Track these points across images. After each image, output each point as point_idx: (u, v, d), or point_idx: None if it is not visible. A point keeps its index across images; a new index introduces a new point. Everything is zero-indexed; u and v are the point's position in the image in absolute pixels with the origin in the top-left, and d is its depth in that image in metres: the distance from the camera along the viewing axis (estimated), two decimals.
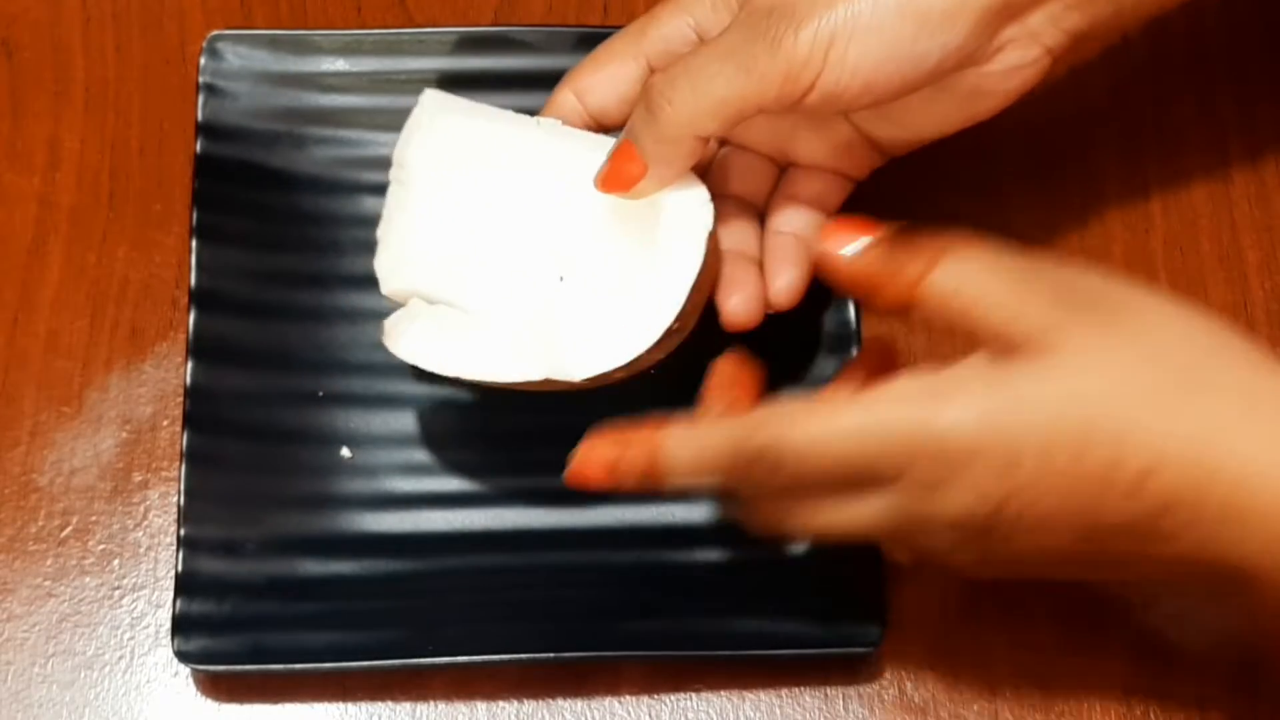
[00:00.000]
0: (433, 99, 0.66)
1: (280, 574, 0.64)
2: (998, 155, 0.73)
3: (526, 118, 0.65)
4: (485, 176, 0.64)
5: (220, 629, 0.63)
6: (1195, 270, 0.71)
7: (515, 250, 0.63)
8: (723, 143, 0.65)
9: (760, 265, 0.62)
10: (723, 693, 0.64)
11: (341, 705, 0.64)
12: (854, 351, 0.66)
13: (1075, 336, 0.51)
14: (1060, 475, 0.49)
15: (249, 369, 0.67)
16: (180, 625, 0.62)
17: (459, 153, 0.65)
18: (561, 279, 0.62)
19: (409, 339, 0.63)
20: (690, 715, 0.64)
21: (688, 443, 0.55)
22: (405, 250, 0.64)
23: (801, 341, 0.67)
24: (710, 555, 0.65)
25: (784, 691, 0.64)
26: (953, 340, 0.69)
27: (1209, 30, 0.75)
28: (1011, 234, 0.71)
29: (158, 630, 0.65)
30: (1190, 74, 0.75)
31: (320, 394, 0.67)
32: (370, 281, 0.69)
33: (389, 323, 0.64)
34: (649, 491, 0.57)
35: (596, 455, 0.56)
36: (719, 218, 0.61)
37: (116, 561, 0.66)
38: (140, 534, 0.66)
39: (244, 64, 0.70)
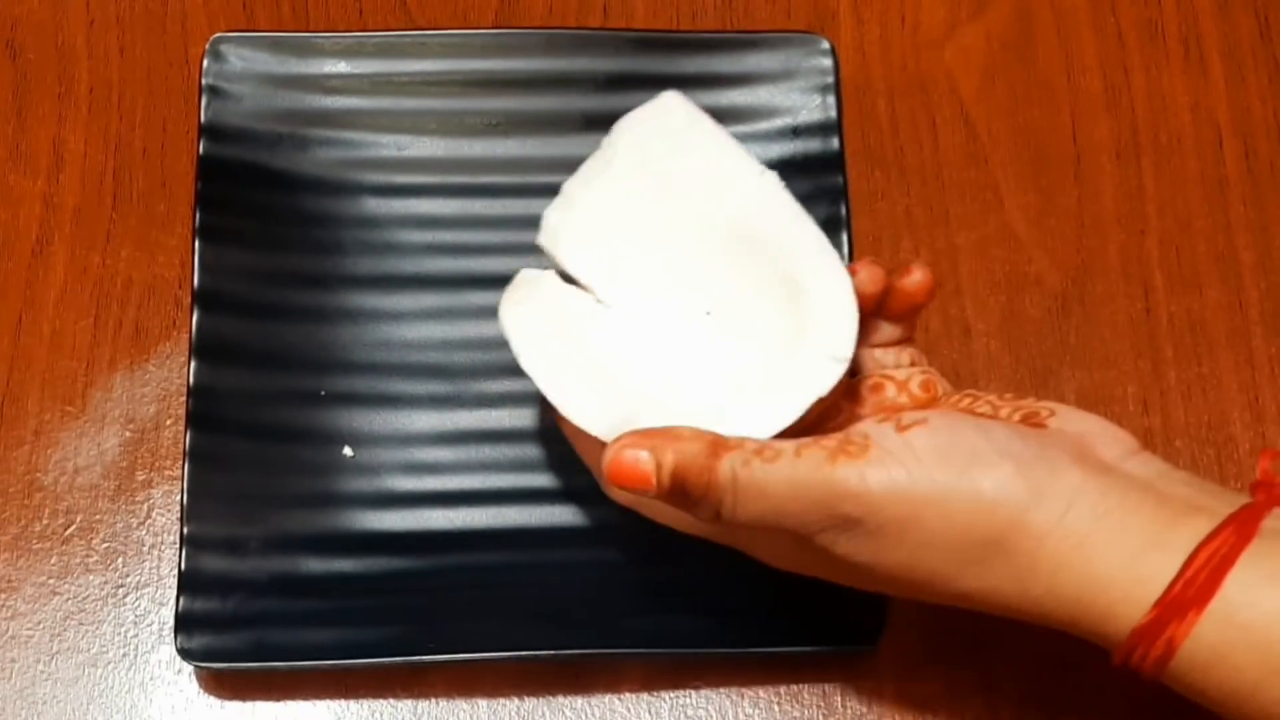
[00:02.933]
0: (672, 99, 0.64)
1: (283, 572, 0.64)
2: (994, 158, 0.73)
3: (750, 158, 0.62)
4: (677, 192, 0.62)
5: (223, 627, 0.63)
6: (1190, 271, 0.71)
7: (672, 271, 0.62)
8: None
9: None
10: (722, 690, 0.64)
11: (343, 702, 0.64)
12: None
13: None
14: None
15: (252, 368, 0.67)
16: (183, 623, 0.62)
17: (666, 160, 0.63)
18: (708, 313, 0.61)
19: (523, 311, 0.61)
20: (690, 712, 0.64)
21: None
22: (578, 217, 0.63)
23: None
24: (710, 554, 0.65)
25: (783, 689, 0.64)
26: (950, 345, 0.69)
27: (1204, 32, 0.75)
28: (1010, 236, 0.72)
29: (161, 628, 0.65)
30: (1186, 75, 0.75)
31: (322, 393, 0.68)
32: (371, 281, 0.70)
33: (520, 278, 0.62)
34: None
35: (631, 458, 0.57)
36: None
37: (120, 560, 0.66)
38: (144, 532, 0.66)
39: (246, 66, 0.71)
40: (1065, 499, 0.53)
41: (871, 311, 0.60)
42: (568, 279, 0.62)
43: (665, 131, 0.63)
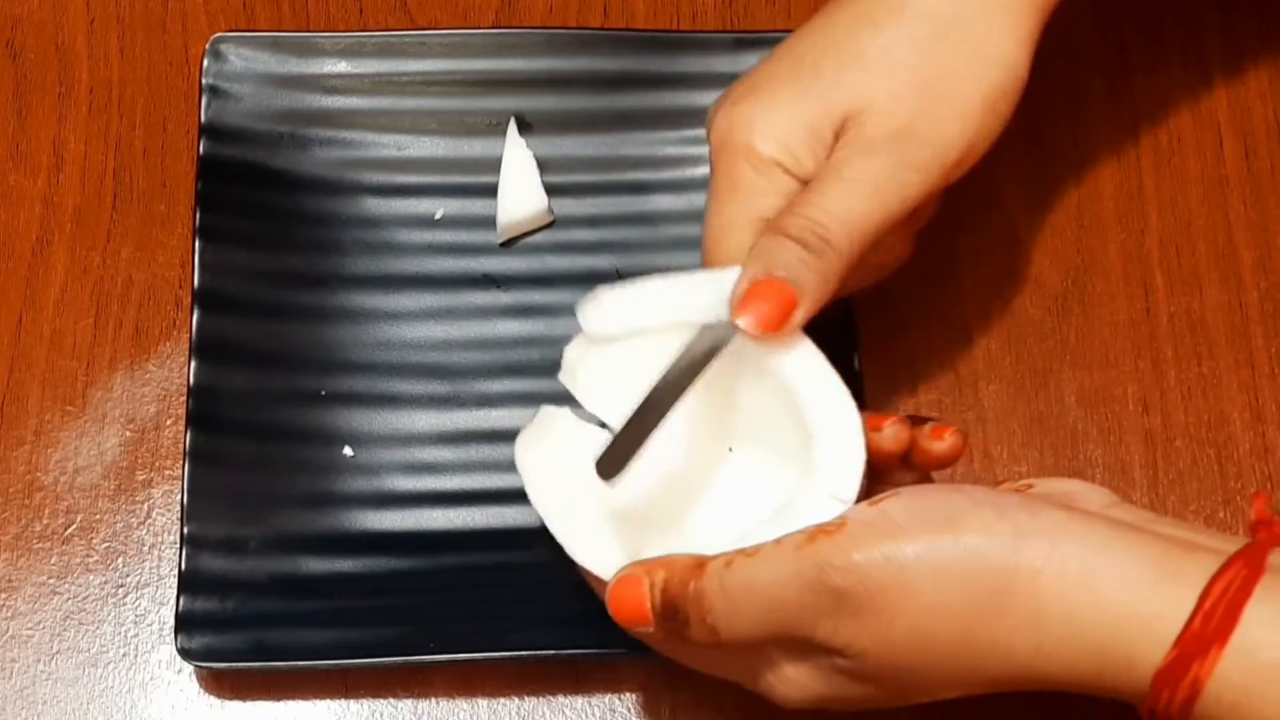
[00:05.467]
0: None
1: (283, 572, 0.64)
2: (994, 158, 0.73)
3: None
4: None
5: (223, 626, 0.63)
6: (1190, 270, 0.71)
7: (690, 407, 0.59)
8: None
9: None
10: (722, 690, 0.64)
11: (344, 702, 0.64)
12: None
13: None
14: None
15: (252, 368, 0.67)
16: (184, 623, 0.62)
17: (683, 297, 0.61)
18: (730, 449, 0.61)
19: (537, 450, 0.61)
20: (690, 711, 0.64)
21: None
22: (596, 354, 0.61)
23: None
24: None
25: None
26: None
27: (1205, 32, 0.75)
28: (1010, 236, 0.72)
29: (161, 628, 0.65)
30: (1186, 75, 0.75)
31: (322, 393, 0.68)
32: (371, 281, 0.70)
33: (539, 418, 0.62)
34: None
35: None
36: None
37: (120, 559, 0.66)
38: (144, 532, 0.66)
39: (247, 66, 0.71)
40: (1049, 536, 0.51)
41: (891, 465, 0.58)
42: (586, 416, 0.61)
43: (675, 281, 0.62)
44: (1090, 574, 0.51)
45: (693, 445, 0.60)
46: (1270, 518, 0.53)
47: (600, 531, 0.58)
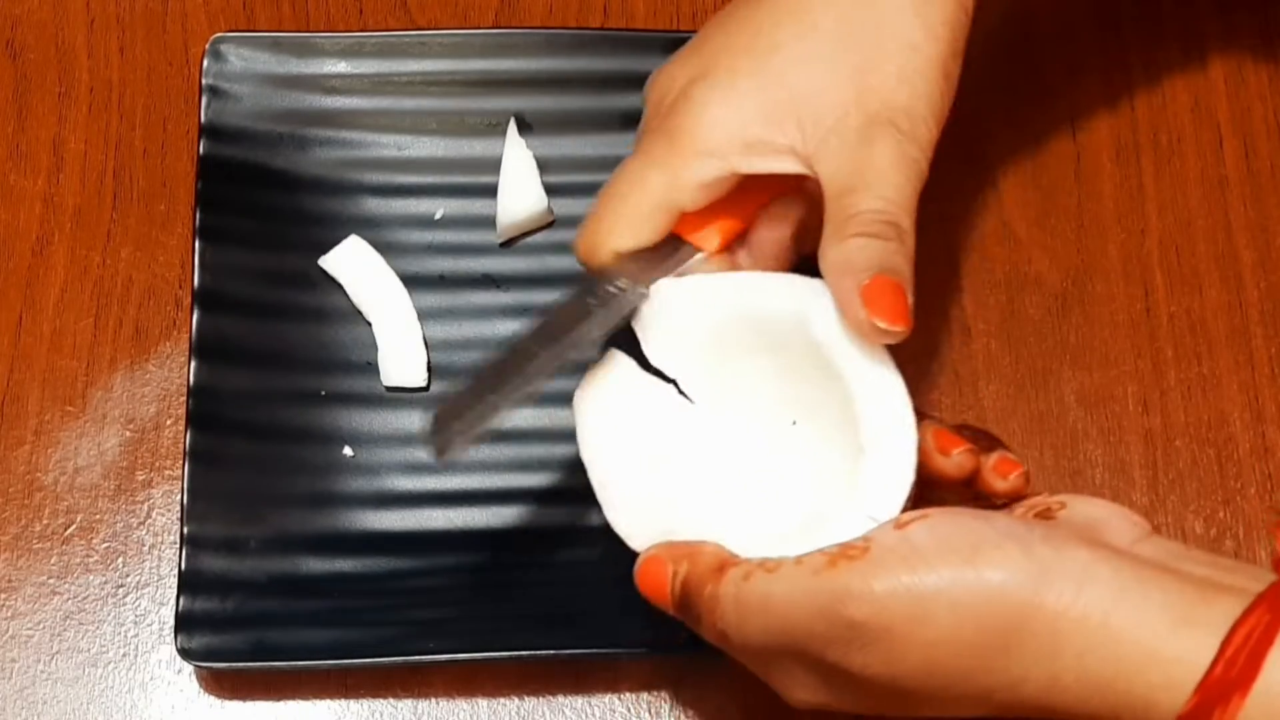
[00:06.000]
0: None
1: (282, 572, 0.64)
2: (994, 158, 0.73)
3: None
4: (767, 307, 0.60)
5: (223, 626, 0.63)
6: (1191, 271, 0.71)
7: (757, 386, 0.59)
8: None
9: None
10: (722, 690, 0.64)
11: (343, 702, 0.64)
12: None
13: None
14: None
15: (252, 368, 0.67)
16: (183, 623, 0.62)
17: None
18: (795, 423, 0.60)
19: (598, 397, 0.60)
20: (690, 710, 0.64)
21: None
22: (671, 307, 0.60)
23: None
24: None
25: None
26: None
27: (1206, 33, 0.75)
28: (1010, 236, 0.72)
29: (161, 628, 0.65)
30: (1186, 75, 0.75)
31: (322, 393, 0.68)
32: None
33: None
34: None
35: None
36: None
37: (120, 559, 0.66)
38: (144, 532, 0.66)
39: (247, 66, 0.71)
40: (1075, 577, 0.50)
41: (949, 486, 0.58)
42: (651, 369, 0.60)
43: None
44: (1111, 616, 0.50)
45: (756, 421, 0.60)
46: None
47: (640, 501, 0.58)
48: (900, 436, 0.56)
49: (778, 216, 0.62)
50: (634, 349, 0.60)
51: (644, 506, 0.58)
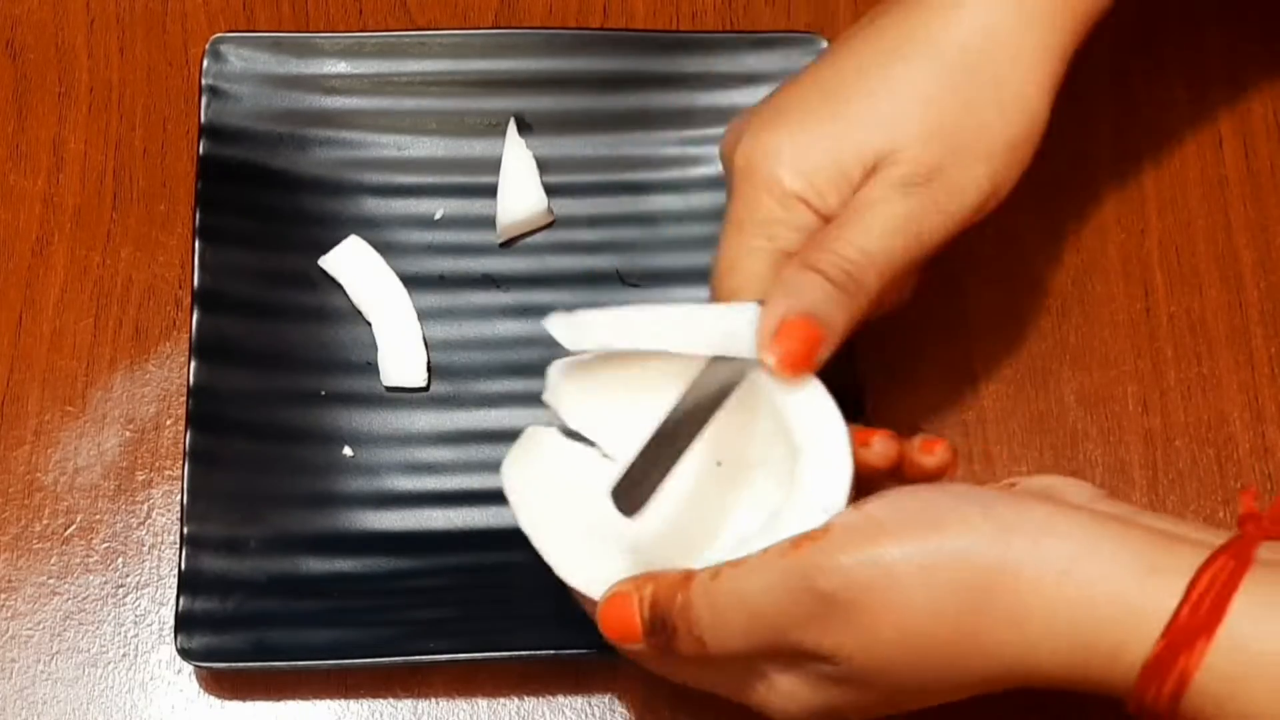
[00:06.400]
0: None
1: (282, 572, 0.64)
2: None
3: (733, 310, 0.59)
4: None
5: (223, 626, 0.63)
6: (1191, 271, 0.71)
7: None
8: None
9: None
10: None
11: (343, 702, 0.64)
12: None
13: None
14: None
15: (251, 368, 0.67)
16: (183, 623, 0.62)
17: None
18: (719, 464, 0.60)
19: (524, 470, 0.60)
20: (690, 711, 0.64)
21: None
22: (582, 372, 0.60)
23: None
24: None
25: None
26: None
27: (1206, 32, 0.75)
28: (1010, 236, 0.72)
29: (161, 628, 0.65)
30: (1187, 75, 0.75)
31: (322, 393, 0.68)
32: None
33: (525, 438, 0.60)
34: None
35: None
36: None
37: (120, 560, 0.66)
38: (144, 532, 0.66)
39: (246, 66, 0.71)
40: (1033, 531, 0.51)
41: (880, 479, 0.58)
42: (572, 434, 0.61)
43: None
44: (1075, 567, 0.51)
45: (684, 463, 0.59)
46: (1257, 512, 0.53)
47: (589, 553, 0.58)
48: (831, 427, 0.56)
49: None
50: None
51: (592, 561, 0.57)
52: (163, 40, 0.75)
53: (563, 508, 0.59)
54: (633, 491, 0.55)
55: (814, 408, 0.57)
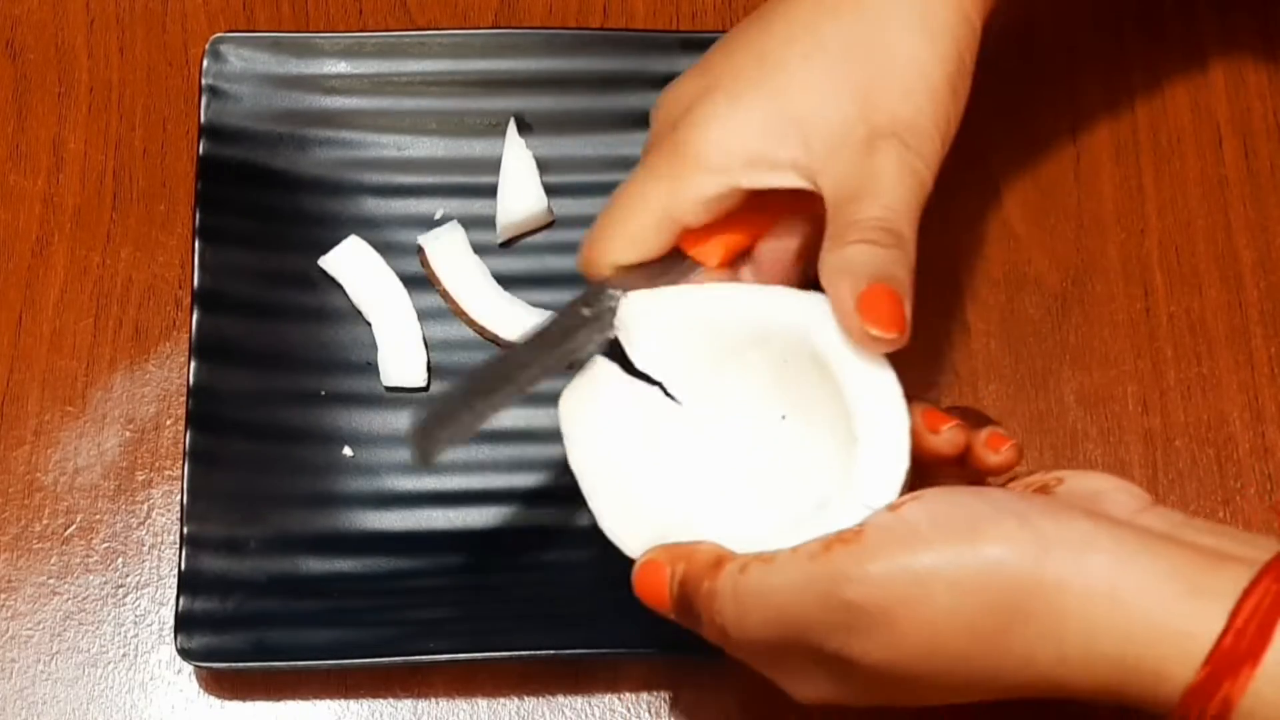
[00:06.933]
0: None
1: (282, 572, 0.64)
2: (994, 158, 0.73)
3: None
4: (752, 306, 0.60)
5: (223, 626, 0.63)
6: (1191, 271, 0.71)
7: (745, 382, 0.59)
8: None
9: None
10: (722, 690, 0.64)
11: (343, 702, 0.64)
12: None
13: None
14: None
15: (251, 369, 0.67)
16: (183, 623, 0.62)
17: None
18: (784, 417, 0.59)
19: (584, 404, 0.59)
20: (690, 711, 0.64)
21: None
22: (653, 309, 0.60)
23: None
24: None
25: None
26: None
27: (1204, 32, 0.75)
28: (1010, 236, 0.72)
29: (161, 628, 0.65)
30: (1186, 75, 0.75)
31: (322, 393, 0.68)
32: None
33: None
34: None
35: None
36: None
37: (120, 560, 0.66)
38: (143, 532, 0.66)
39: (246, 66, 0.71)
40: (1076, 547, 0.50)
41: (943, 465, 0.58)
42: (637, 373, 0.60)
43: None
44: (1117, 587, 0.49)
45: (750, 415, 0.59)
46: None
47: (631, 505, 0.57)
48: (893, 422, 0.56)
49: (783, 234, 0.62)
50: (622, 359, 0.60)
51: (637, 511, 0.57)
52: (163, 40, 0.74)
53: (614, 450, 0.58)
54: (429, 436, 0.56)
55: (881, 396, 0.56)
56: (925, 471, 0.57)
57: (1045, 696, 0.52)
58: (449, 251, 0.70)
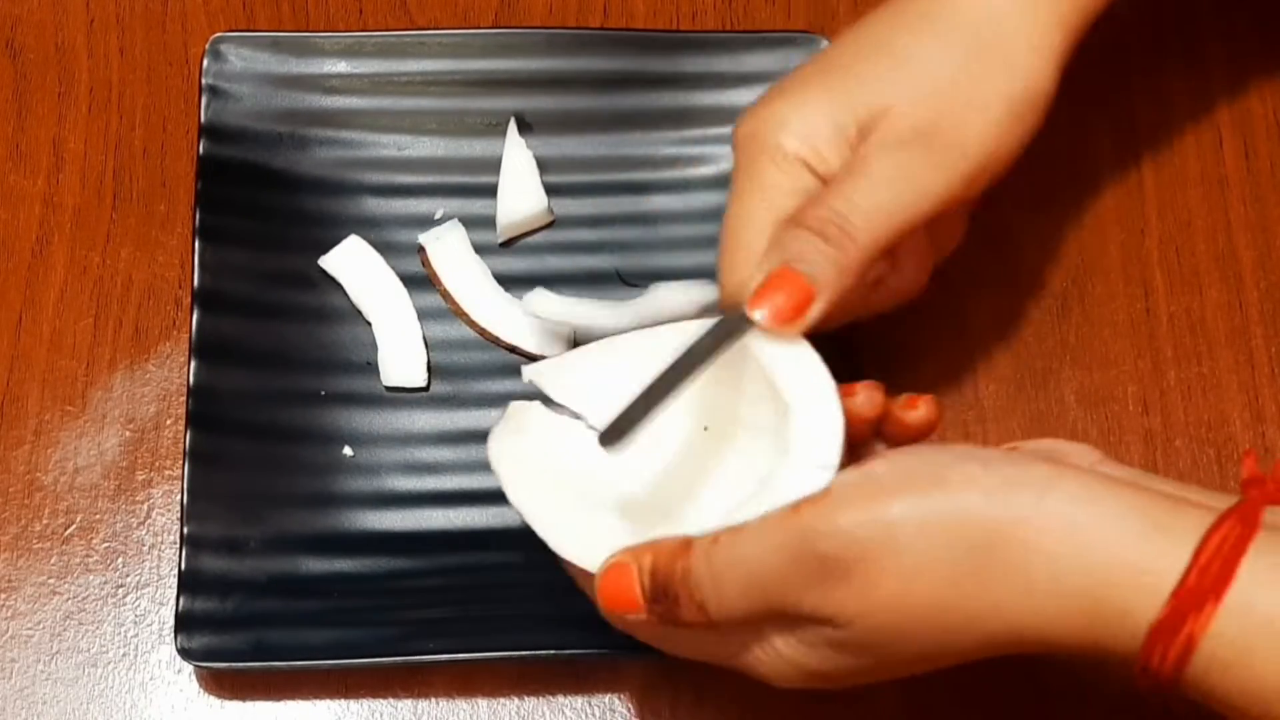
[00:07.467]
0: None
1: (282, 572, 0.64)
2: None
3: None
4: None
5: (223, 626, 0.63)
6: (1191, 271, 0.71)
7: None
8: None
9: None
10: (722, 690, 0.64)
11: (343, 702, 0.64)
12: None
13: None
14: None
15: (251, 368, 0.67)
16: (183, 623, 0.62)
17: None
18: (706, 429, 0.60)
19: (511, 444, 0.60)
20: (690, 710, 0.64)
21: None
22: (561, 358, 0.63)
23: None
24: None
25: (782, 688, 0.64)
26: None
27: (1205, 33, 0.75)
28: (1010, 236, 0.72)
29: (161, 628, 0.65)
30: (1187, 75, 0.75)
31: (322, 393, 0.68)
32: None
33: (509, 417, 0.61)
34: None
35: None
36: None
37: (120, 560, 0.66)
38: (144, 532, 0.66)
39: (246, 66, 0.71)
40: (1037, 487, 0.51)
41: (866, 435, 0.58)
42: (558, 408, 0.61)
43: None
44: (1079, 525, 0.50)
45: (673, 430, 0.60)
46: (1261, 475, 0.53)
47: (581, 524, 0.58)
48: (820, 385, 0.56)
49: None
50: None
51: (589, 533, 0.57)
52: (163, 40, 0.75)
53: (551, 480, 0.59)
54: (617, 428, 0.56)
55: (803, 368, 0.57)
56: (851, 444, 0.57)
57: (1020, 652, 0.52)
58: (449, 251, 0.70)
